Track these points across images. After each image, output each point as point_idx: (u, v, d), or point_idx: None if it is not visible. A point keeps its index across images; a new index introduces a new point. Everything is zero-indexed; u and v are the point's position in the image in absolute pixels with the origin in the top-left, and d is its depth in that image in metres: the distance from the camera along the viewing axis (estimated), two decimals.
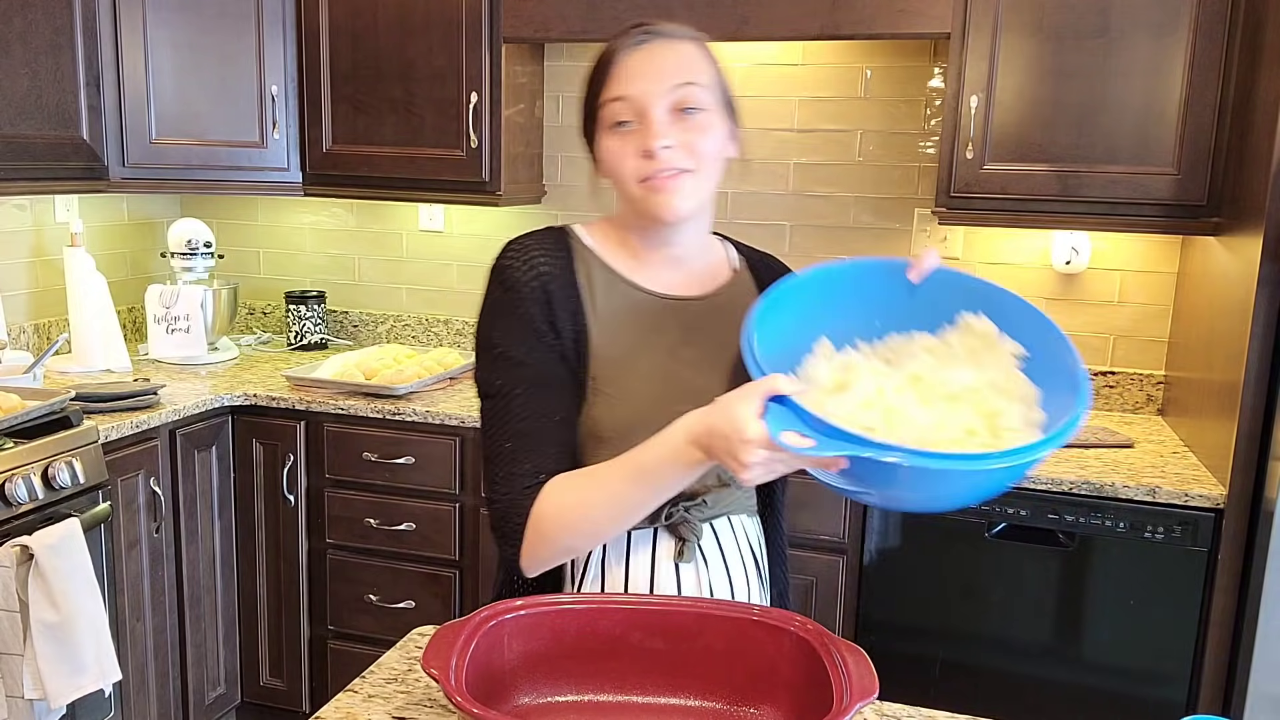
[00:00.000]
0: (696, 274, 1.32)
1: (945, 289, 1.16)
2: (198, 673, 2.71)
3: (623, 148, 1.22)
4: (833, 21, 2.48)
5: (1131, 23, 2.28)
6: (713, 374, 1.27)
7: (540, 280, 1.23)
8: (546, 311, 1.23)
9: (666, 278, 1.30)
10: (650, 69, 1.20)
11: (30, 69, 2.48)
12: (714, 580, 1.28)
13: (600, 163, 1.27)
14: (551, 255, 1.26)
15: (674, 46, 1.23)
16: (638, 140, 1.20)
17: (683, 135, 1.20)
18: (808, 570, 2.38)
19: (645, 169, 1.20)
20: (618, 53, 1.22)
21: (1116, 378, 2.75)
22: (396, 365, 2.82)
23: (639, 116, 1.20)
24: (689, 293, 1.31)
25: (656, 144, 1.19)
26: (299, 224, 3.40)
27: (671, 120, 1.20)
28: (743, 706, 1.12)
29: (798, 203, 2.93)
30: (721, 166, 1.26)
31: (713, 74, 1.24)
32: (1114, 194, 2.34)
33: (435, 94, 2.77)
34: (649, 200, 1.22)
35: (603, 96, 1.23)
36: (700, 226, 1.31)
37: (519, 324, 1.23)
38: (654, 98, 1.20)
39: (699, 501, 1.27)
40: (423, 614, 2.69)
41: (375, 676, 1.25)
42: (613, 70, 1.22)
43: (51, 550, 2.04)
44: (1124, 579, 2.19)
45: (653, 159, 1.19)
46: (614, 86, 1.21)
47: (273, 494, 2.76)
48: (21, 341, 2.90)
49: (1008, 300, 1.14)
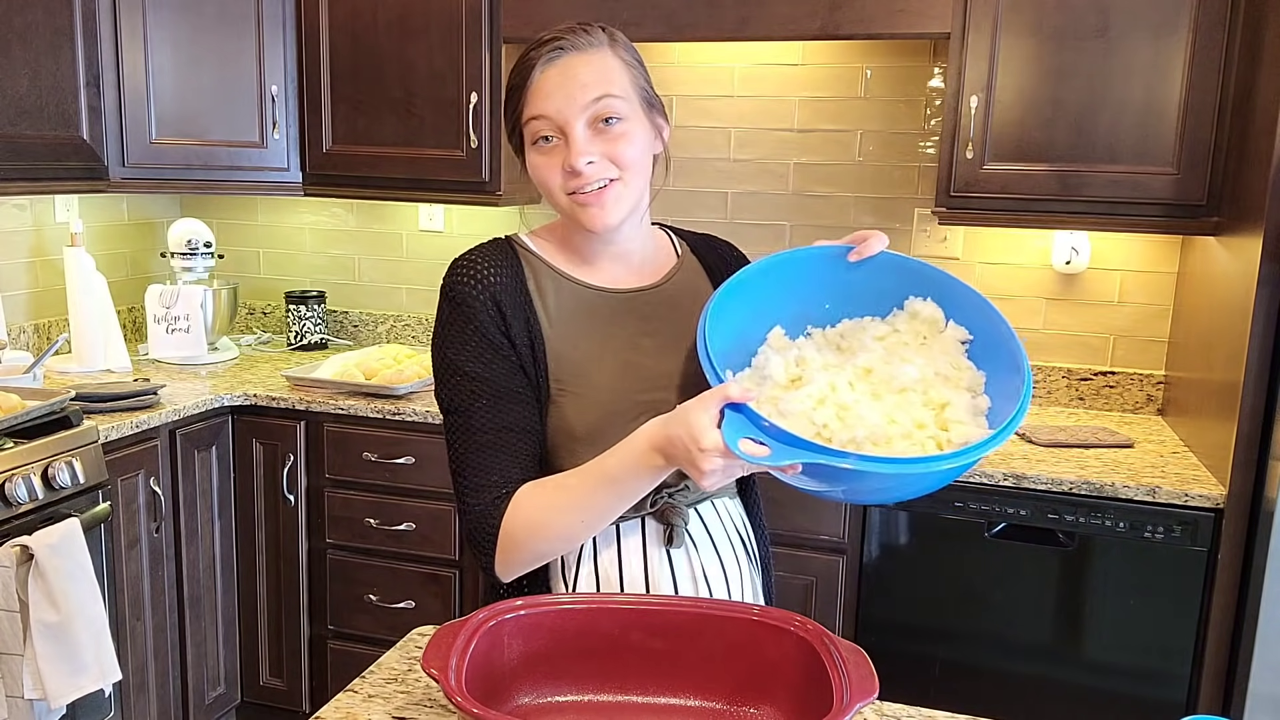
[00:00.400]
0: (643, 265, 1.35)
1: (892, 273, 1.21)
2: (198, 673, 2.71)
3: (548, 163, 1.24)
4: (832, 21, 2.48)
5: (1131, 23, 2.28)
6: (672, 358, 1.30)
7: (490, 292, 1.25)
8: (500, 323, 1.25)
9: (614, 273, 1.33)
10: (565, 86, 1.21)
11: (30, 69, 2.48)
12: (706, 563, 1.30)
13: (530, 175, 1.28)
14: (498, 267, 1.28)
15: (588, 59, 1.23)
16: (561, 155, 1.22)
17: (604, 146, 1.22)
18: (808, 570, 2.38)
19: (571, 184, 1.23)
20: (533, 70, 1.23)
21: (1116, 378, 2.75)
22: (396, 365, 2.82)
23: (559, 133, 1.22)
24: (639, 284, 1.34)
25: (579, 161, 1.21)
26: (299, 224, 3.40)
27: (592, 135, 1.22)
28: (743, 706, 1.12)
29: (798, 203, 2.93)
30: (648, 165, 1.28)
31: (629, 79, 1.25)
32: (1114, 194, 2.34)
33: (435, 94, 2.77)
34: (579, 214, 1.24)
35: (523, 115, 1.24)
36: (638, 222, 1.33)
37: (473, 338, 1.25)
38: (572, 115, 1.21)
39: (681, 487, 1.30)
40: (423, 614, 2.69)
41: (375, 676, 1.25)
42: (530, 88, 1.23)
43: (51, 550, 2.04)
44: (1124, 579, 2.19)
45: (577, 175, 1.22)
46: (532, 105, 1.23)
47: (273, 494, 2.76)
48: (21, 341, 2.90)
49: (950, 284, 1.19)
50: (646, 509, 1.28)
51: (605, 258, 1.33)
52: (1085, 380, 2.78)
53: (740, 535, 1.36)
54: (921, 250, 2.85)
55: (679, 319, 1.32)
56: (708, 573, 1.30)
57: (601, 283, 1.32)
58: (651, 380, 1.28)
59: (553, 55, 1.23)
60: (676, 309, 1.33)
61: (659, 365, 1.30)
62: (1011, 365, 1.11)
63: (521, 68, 1.25)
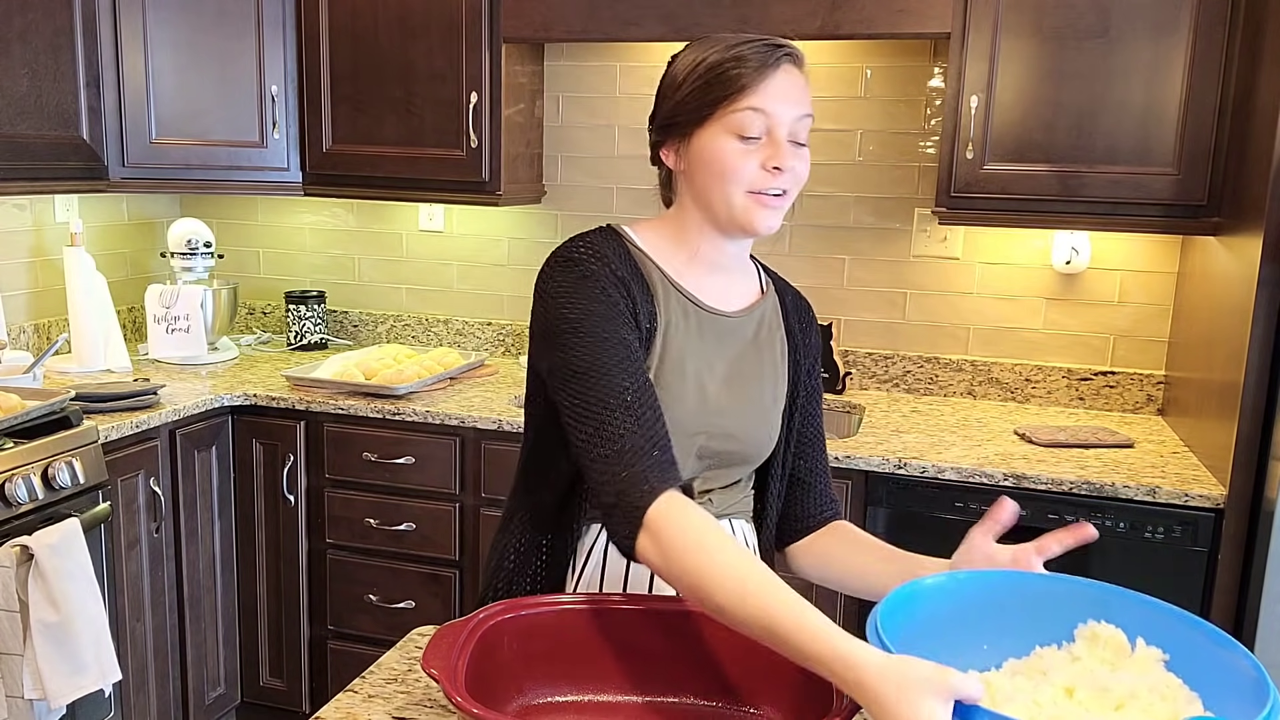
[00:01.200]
0: (733, 289, 1.35)
1: (1052, 598, 1.09)
2: (198, 673, 2.71)
3: (745, 153, 1.24)
4: (833, 21, 2.48)
5: (1131, 23, 2.28)
6: (736, 388, 1.31)
7: (611, 269, 1.24)
8: (629, 302, 1.23)
9: (709, 286, 1.33)
10: (789, 94, 1.24)
11: (30, 69, 2.48)
12: None
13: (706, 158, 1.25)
14: (617, 254, 1.26)
15: (804, 76, 1.27)
16: (764, 154, 1.23)
17: (791, 162, 1.24)
18: None
19: (761, 182, 1.24)
20: (762, 67, 1.23)
21: (1116, 378, 2.75)
22: (396, 365, 2.82)
23: (766, 134, 1.23)
24: (724, 307, 1.33)
25: (785, 161, 1.23)
26: (299, 224, 3.40)
27: (787, 146, 1.24)
28: (743, 706, 1.12)
29: (798, 202, 2.90)
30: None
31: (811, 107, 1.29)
32: (1114, 194, 2.34)
33: (435, 94, 2.77)
34: (750, 211, 1.25)
35: (739, 103, 1.23)
36: (751, 244, 1.36)
37: (605, 307, 1.20)
38: (786, 123, 1.24)
39: (705, 500, 1.30)
40: (423, 614, 2.69)
41: (375, 676, 1.25)
42: (757, 84, 1.23)
43: (51, 550, 2.04)
44: (1124, 579, 2.18)
45: (772, 177, 1.23)
46: (755, 98, 1.23)
47: (273, 494, 2.76)
48: (21, 341, 2.90)
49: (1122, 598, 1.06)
50: None
51: (712, 264, 1.33)
52: (1085, 380, 2.78)
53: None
54: (921, 250, 2.85)
55: (753, 352, 1.34)
56: None
57: (696, 293, 1.31)
58: (715, 405, 1.29)
59: (786, 60, 1.25)
60: (752, 342, 1.35)
61: (722, 391, 1.30)
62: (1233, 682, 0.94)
63: (747, 58, 1.24)
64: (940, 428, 2.56)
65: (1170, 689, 0.97)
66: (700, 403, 1.28)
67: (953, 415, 2.69)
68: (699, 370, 1.29)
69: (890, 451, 2.33)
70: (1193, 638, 1.00)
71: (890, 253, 2.88)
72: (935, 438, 2.46)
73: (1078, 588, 1.09)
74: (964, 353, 2.87)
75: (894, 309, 2.90)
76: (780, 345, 1.38)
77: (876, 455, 2.30)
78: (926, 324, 2.88)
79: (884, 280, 2.90)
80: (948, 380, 2.88)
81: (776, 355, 1.37)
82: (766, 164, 1.23)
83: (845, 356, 2.94)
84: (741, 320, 1.34)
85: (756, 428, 1.33)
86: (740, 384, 1.32)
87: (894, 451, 2.33)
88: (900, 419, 2.64)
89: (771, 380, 1.36)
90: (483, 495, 2.61)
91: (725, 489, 1.34)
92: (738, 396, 1.31)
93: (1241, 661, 0.96)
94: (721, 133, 1.24)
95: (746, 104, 1.22)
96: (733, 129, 1.23)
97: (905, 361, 2.90)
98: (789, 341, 1.39)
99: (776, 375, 1.37)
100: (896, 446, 2.37)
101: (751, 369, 1.33)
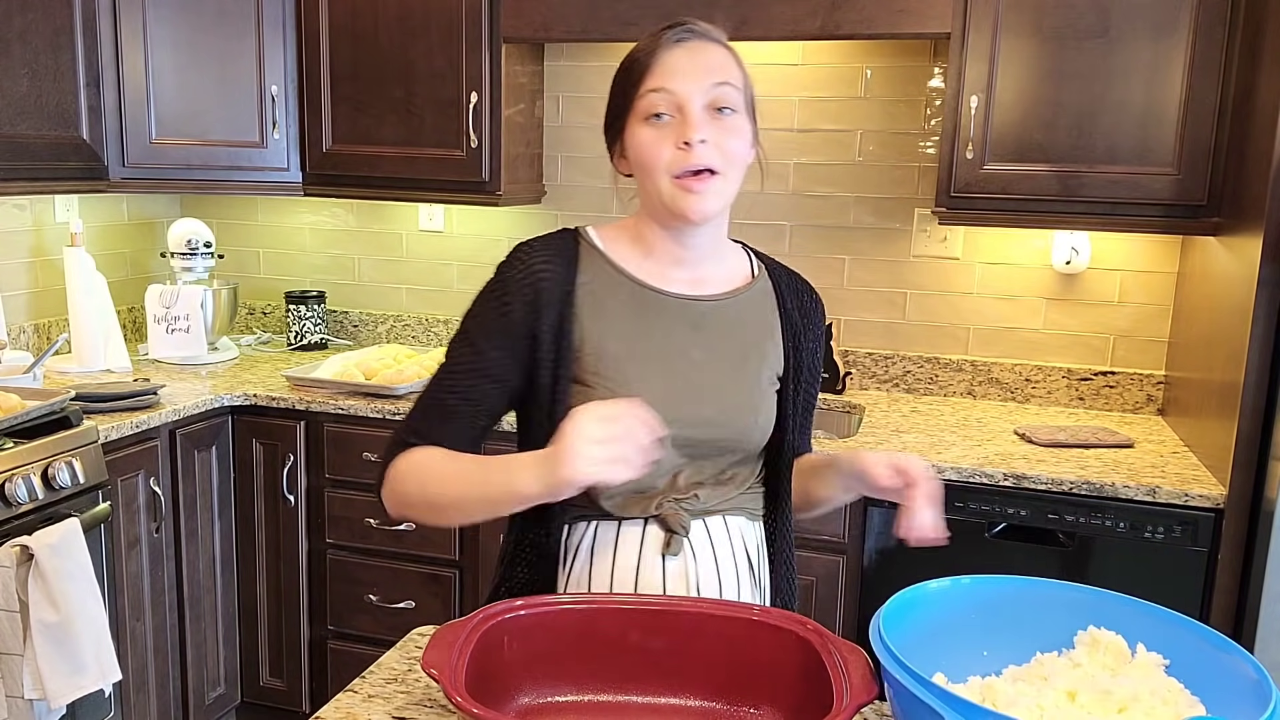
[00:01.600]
0: (710, 277, 1.35)
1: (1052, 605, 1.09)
2: (198, 673, 2.71)
3: (659, 138, 1.24)
4: (833, 21, 2.48)
5: (1131, 23, 2.28)
6: (721, 375, 1.30)
7: (532, 281, 1.28)
8: (529, 315, 1.27)
9: (676, 277, 1.33)
10: (691, 66, 1.24)
11: (30, 69, 2.48)
12: (702, 577, 1.28)
13: (631, 153, 1.28)
14: (551, 259, 1.30)
15: (713, 46, 1.27)
16: (675, 132, 1.23)
17: (715, 134, 1.23)
18: (808, 570, 2.38)
19: (680, 161, 1.23)
20: (659, 48, 1.25)
21: (1116, 378, 2.75)
22: (396, 365, 2.82)
23: (677, 110, 1.23)
24: (698, 293, 1.33)
25: (695, 136, 1.22)
26: (299, 224, 3.40)
27: (707, 118, 1.23)
28: (743, 706, 1.12)
29: (798, 203, 2.93)
30: (744, 170, 1.29)
31: (743, 78, 1.28)
32: (1114, 194, 2.34)
33: (435, 94, 2.77)
34: (678, 198, 1.25)
35: (642, 88, 1.25)
36: (716, 229, 1.34)
37: (495, 318, 1.29)
38: (694, 93, 1.23)
39: (690, 495, 1.28)
40: (423, 614, 2.69)
41: (375, 676, 1.25)
42: (654, 64, 1.25)
43: (51, 550, 2.04)
44: (1124, 579, 2.19)
45: (689, 151, 1.22)
46: (654, 79, 1.24)
47: (273, 494, 2.76)
48: (21, 341, 2.90)
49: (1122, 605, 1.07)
50: (650, 511, 1.27)
51: (673, 259, 1.33)
52: (1085, 380, 2.78)
53: (749, 559, 1.33)
54: (921, 250, 2.85)
55: (736, 337, 1.33)
56: (701, 587, 1.28)
57: (659, 284, 1.32)
58: (697, 393, 1.28)
59: (683, 36, 1.26)
60: (735, 327, 1.33)
61: (706, 379, 1.29)
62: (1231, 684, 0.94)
63: (647, 45, 1.26)
64: (940, 428, 2.56)
65: (1171, 693, 0.97)
66: (668, 391, 1.26)
67: (953, 415, 2.69)
68: (666, 356, 1.28)
69: (890, 451, 2.33)
70: (1192, 642, 1.01)
71: (890, 253, 2.88)
72: (935, 438, 2.46)
73: (1077, 594, 1.09)
74: (964, 353, 2.87)
75: (894, 309, 2.90)
76: (772, 327, 1.36)
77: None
78: (926, 324, 2.88)
79: (884, 280, 2.90)
80: (948, 380, 2.88)
81: (766, 337, 1.36)
82: (678, 141, 1.23)
83: (845, 356, 2.94)
84: (718, 306, 1.33)
85: (739, 413, 1.31)
86: (719, 369, 1.30)
87: (894, 451, 2.33)
88: (900, 419, 2.64)
89: (758, 363, 1.34)
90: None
91: (716, 484, 1.31)
92: (716, 382, 1.29)
93: (1242, 664, 0.96)
94: (637, 122, 1.26)
95: (648, 86, 1.24)
96: (643, 114, 1.25)
97: (905, 361, 2.90)
98: (784, 322, 1.37)
99: (765, 357, 1.35)
100: (896, 446, 2.37)
101: (734, 353, 1.32)
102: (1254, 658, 0.96)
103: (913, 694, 0.88)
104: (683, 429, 1.26)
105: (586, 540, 1.29)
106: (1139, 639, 1.03)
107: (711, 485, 1.30)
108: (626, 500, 1.27)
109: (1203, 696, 0.97)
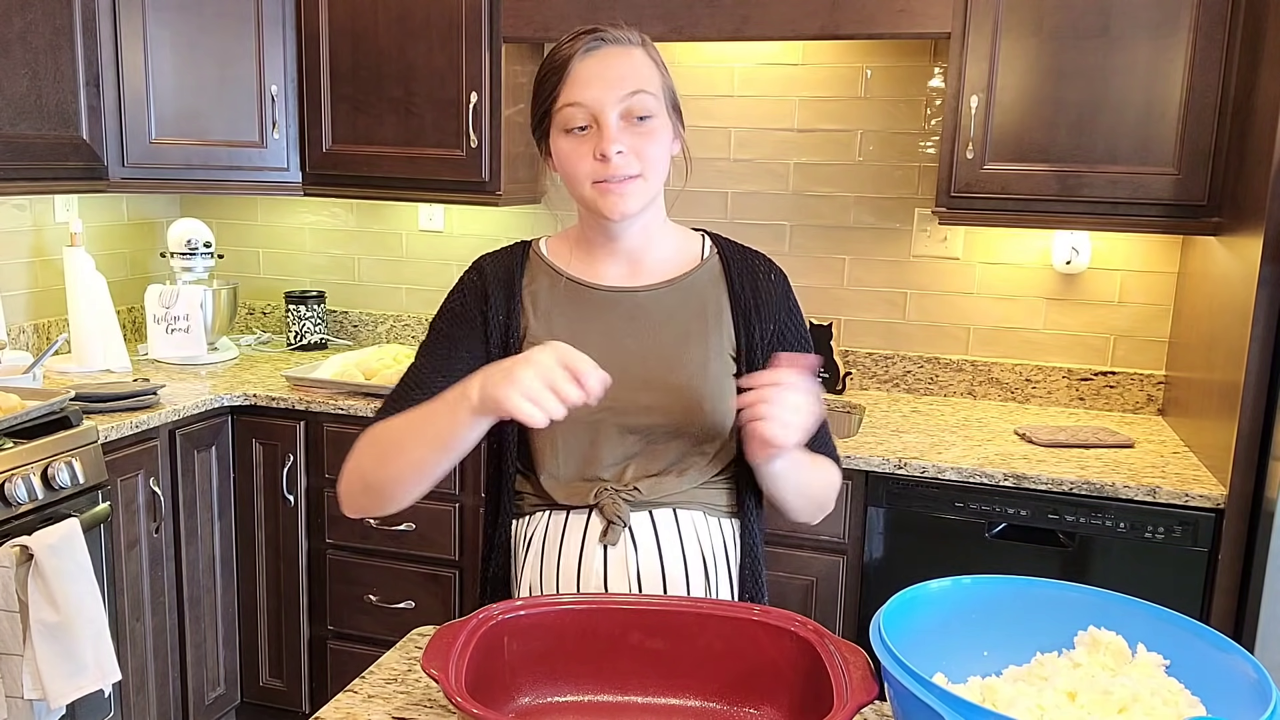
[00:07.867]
0: (652, 267, 1.38)
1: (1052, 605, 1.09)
2: (198, 673, 2.71)
3: (577, 150, 1.28)
4: (833, 21, 2.48)
5: (1131, 23, 2.28)
6: (657, 361, 1.33)
7: (481, 278, 1.37)
8: (480, 303, 1.35)
9: (613, 271, 1.37)
10: (604, 76, 1.26)
11: (30, 69, 2.48)
12: (643, 569, 1.30)
13: (555, 161, 1.33)
14: (500, 262, 1.39)
15: (625, 53, 1.29)
16: (593, 143, 1.27)
17: (633, 141, 1.26)
18: (808, 570, 2.38)
19: (600, 171, 1.27)
20: (572, 59, 1.27)
21: (1116, 378, 2.75)
22: (396, 365, 2.82)
23: (593, 121, 1.27)
24: (634, 284, 1.37)
25: (611, 148, 1.25)
26: (299, 224, 3.40)
27: (623, 126, 1.26)
28: (743, 706, 1.12)
29: (798, 203, 2.93)
30: (667, 166, 1.33)
31: (660, 80, 1.31)
32: (1114, 194, 2.34)
33: (435, 94, 2.77)
34: (599, 201, 1.29)
35: (558, 101, 1.28)
36: (647, 221, 1.36)
37: (454, 306, 1.38)
38: (608, 105, 1.26)
39: (630, 487, 1.31)
40: (422, 614, 2.69)
41: (375, 677, 1.25)
42: (567, 76, 1.27)
43: (51, 550, 2.04)
44: (1124, 579, 2.19)
45: (606, 163, 1.26)
46: (569, 92, 1.27)
47: (272, 494, 2.76)
48: (21, 341, 2.90)
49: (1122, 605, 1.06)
50: (590, 499, 1.31)
51: (611, 255, 1.37)
52: (1085, 380, 2.78)
53: (702, 550, 1.33)
54: (921, 250, 2.85)
55: (676, 323, 1.34)
56: (642, 577, 1.29)
57: (595, 280, 1.37)
58: (633, 381, 1.29)
59: (592, 46, 1.27)
60: (675, 312, 1.35)
61: (644, 366, 1.31)
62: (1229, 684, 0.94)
63: (558, 56, 1.28)
64: (940, 428, 2.56)
65: (1172, 693, 0.97)
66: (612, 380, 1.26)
67: (953, 415, 2.69)
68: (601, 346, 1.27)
69: (890, 451, 2.33)
70: (1192, 643, 1.01)
71: (890, 253, 2.88)
72: (935, 438, 2.46)
73: (1077, 594, 1.09)
74: (964, 353, 2.87)
75: (894, 309, 2.90)
76: (719, 307, 1.36)
77: (877, 455, 2.30)
78: (926, 324, 2.88)
79: (884, 280, 2.90)
80: (948, 380, 2.88)
81: (712, 319, 1.36)
82: (595, 152, 1.26)
83: (845, 356, 2.94)
84: (654, 294, 1.36)
85: (679, 395, 1.31)
86: (658, 355, 1.32)
87: (894, 451, 2.33)
88: (900, 419, 2.64)
89: (701, 346, 1.34)
90: (482, 495, 2.59)
91: (674, 475, 1.31)
92: (654, 368, 1.31)
93: (1242, 664, 0.96)
94: (557, 134, 1.30)
95: (563, 101, 1.27)
96: (561, 126, 1.29)
97: (905, 361, 2.90)
98: (733, 301, 1.37)
99: (708, 339, 1.34)
100: (896, 446, 2.37)
101: (672, 339, 1.33)
102: (1254, 658, 0.96)
103: (913, 694, 0.88)
104: (624, 416, 1.30)
105: (539, 531, 1.34)
106: (1139, 639, 1.03)
107: (669, 476, 1.32)
108: (569, 488, 1.32)
109: (1203, 696, 0.97)
